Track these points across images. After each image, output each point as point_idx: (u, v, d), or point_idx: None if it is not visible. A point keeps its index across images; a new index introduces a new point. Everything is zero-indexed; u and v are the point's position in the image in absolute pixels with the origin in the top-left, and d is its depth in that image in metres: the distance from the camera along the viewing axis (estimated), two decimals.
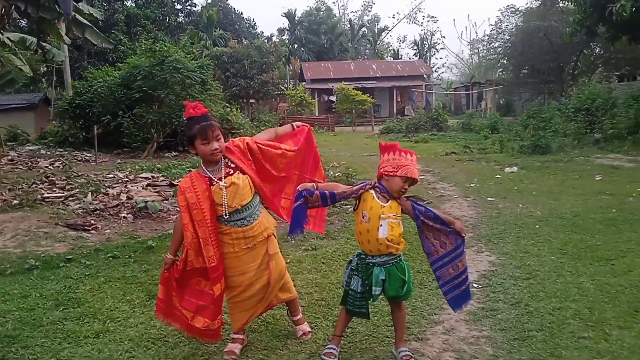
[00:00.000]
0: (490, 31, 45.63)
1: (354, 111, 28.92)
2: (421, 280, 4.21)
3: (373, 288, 2.83)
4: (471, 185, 8.71)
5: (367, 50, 57.49)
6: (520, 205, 6.96)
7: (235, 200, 2.83)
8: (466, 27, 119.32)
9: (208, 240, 2.80)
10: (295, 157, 3.11)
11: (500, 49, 40.94)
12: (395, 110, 36.22)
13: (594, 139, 13.99)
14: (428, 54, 56.03)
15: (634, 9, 11.52)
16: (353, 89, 29.69)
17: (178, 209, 3.08)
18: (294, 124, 3.27)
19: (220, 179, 2.83)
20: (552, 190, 7.91)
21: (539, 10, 28.09)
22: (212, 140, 2.79)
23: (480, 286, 4.11)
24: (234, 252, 2.89)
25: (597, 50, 26.94)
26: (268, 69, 27.39)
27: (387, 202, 2.81)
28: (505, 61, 34.81)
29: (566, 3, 16.73)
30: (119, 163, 12.78)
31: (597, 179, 8.73)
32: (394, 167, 2.79)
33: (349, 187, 2.92)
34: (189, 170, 9.47)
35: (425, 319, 3.51)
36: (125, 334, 3.32)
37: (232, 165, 2.88)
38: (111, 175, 9.81)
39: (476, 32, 75.42)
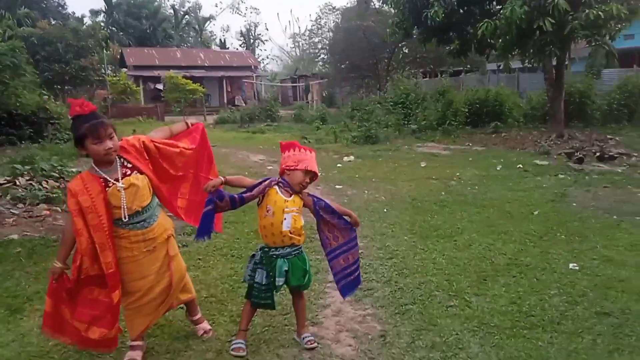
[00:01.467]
0: (311, 27, 48.00)
1: (183, 100, 28.00)
2: None
3: (277, 279, 2.92)
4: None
5: (191, 39, 55.92)
6: (366, 192, 7.58)
7: (135, 202, 2.66)
8: (289, 21, 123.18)
9: (106, 246, 2.60)
10: (192, 155, 3.03)
11: (320, 44, 43.26)
12: (225, 101, 35.95)
13: (411, 130, 15.71)
14: (253, 46, 56.59)
15: (443, 15, 13.16)
16: (182, 77, 28.71)
17: (67, 211, 2.78)
18: (188, 121, 3.18)
19: (116, 180, 2.64)
20: (388, 177, 8.75)
21: (357, 10, 30.35)
22: (105, 139, 2.59)
23: None
24: (132, 257, 2.72)
25: (405, 50, 30.09)
26: (86, 53, 25.00)
27: (290, 196, 2.92)
28: (326, 56, 37.06)
29: (385, 6, 18.35)
30: None
31: (422, 165, 9.86)
32: (295, 162, 2.91)
33: (254, 181, 2.95)
34: (5, 166, 8.37)
35: (314, 304, 3.69)
36: None
37: (129, 165, 2.70)
38: None
39: (299, 27, 78.39)
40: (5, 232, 5.41)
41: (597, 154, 9.59)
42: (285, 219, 2.87)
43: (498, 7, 13.75)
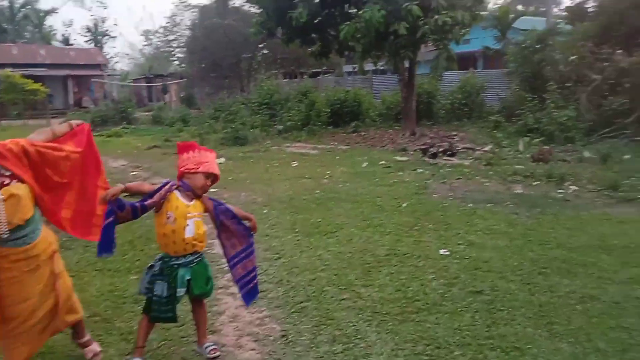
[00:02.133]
0: (166, 24, 46.11)
1: (22, 102, 25.13)
2: None
3: (178, 290, 2.78)
4: None
5: (28, 34, 50.33)
6: (243, 194, 7.51)
7: (16, 215, 2.36)
8: (142, 17, 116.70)
9: None
10: (78, 159, 2.72)
11: (175, 42, 41.71)
12: (72, 102, 32.98)
13: (278, 130, 15.88)
14: (101, 42, 52.74)
15: (309, 16, 13.50)
16: (20, 76, 25.73)
17: None
18: (72, 122, 2.85)
19: None
20: (262, 178, 8.76)
21: (215, 8, 29.79)
22: None
23: None
24: (12, 277, 2.41)
25: (265, 51, 30.29)
26: None
27: (192, 201, 2.80)
28: (183, 55, 35.84)
29: (246, 5, 18.29)
30: None
31: (294, 165, 10.04)
32: (195, 164, 2.80)
33: (153, 187, 2.77)
34: None
35: (209, 312, 3.56)
36: None
37: (7, 174, 2.38)
38: None
39: (153, 23, 74.78)
40: None
41: (447, 149, 10.57)
42: (187, 225, 2.74)
43: (357, 10, 14.48)
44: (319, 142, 13.73)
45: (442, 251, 4.78)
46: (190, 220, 2.76)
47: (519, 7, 39.24)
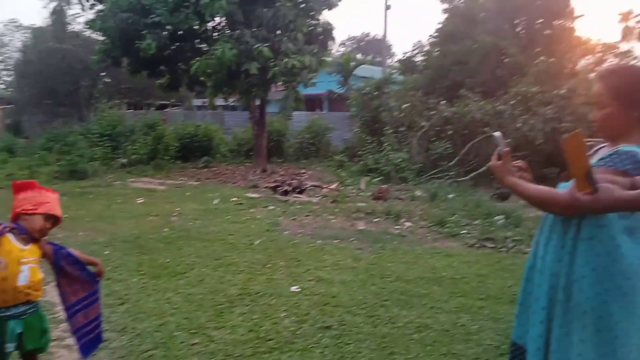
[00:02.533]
0: None
1: None
2: None
3: (7, 345, 2.47)
4: None
5: None
6: (81, 233, 6.93)
7: None
8: None
9: None
10: None
11: (2, 64, 37.49)
12: None
13: (121, 164, 15.00)
14: None
15: (157, 48, 13.14)
16: None
17: None
18: None
19: None
20: (104, 215, 8.18)
21: (52, 31, 27.49)
22: None
23: None
24: None
25: (108, 79, 28.62)
26: None
27: (27, 245, 2.53)
28: (10, 78, 32.30)
29: (87, 32, 17.22)
30: None
31: (139, 202, 9.54)
32: (34, 205, 2.56)
33: None
34: None
35: None
36: None
37: None
38: None
39: None
40: None
41: (297, 186, 10.94)
42: (21, 271, 2.46)
43: (208, 46, 14.50)
44: (167, 177, 13.27)
45: (293, 288, 4.88)
46: (24, 267, 2.49)
47: (358, 56, 42.77)
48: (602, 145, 2.05)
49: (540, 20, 16.52)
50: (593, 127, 2.01)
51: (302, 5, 13.85)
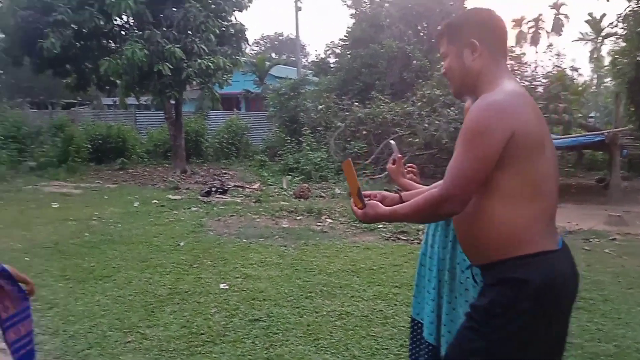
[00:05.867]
0: None
1: None
2: None
3: None
4: None
5: None
6: None
7: None
8: None
9: None
10: None
11: None
12: None
13: (29, 167, 14.26)
14: None
15: (62, 47, 12.65)
16: None
17: None
18: None
19: None
20: (19, 221, 7.89)
21: None
22: None
23: None
24: None
25: (4, 76, 26.85)
26: None
27: None
28: None
29: None
30: None
31: (54, 206, 9.23)
32: None
33: None
34: None
35: None
36: None
37: None
38: None
39: None
40: None
41: (219, 187, 11.06)
42: None
43: (116, 45, 14.16)
44: (82, 180, 12.84)
45: (221, 285, 5.11)
46: None
47: (273, 55, 42.99)
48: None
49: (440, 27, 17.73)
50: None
51: (213, 7, 13.93)
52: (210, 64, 13.06)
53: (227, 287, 5.08)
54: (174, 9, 13.21)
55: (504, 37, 1.79)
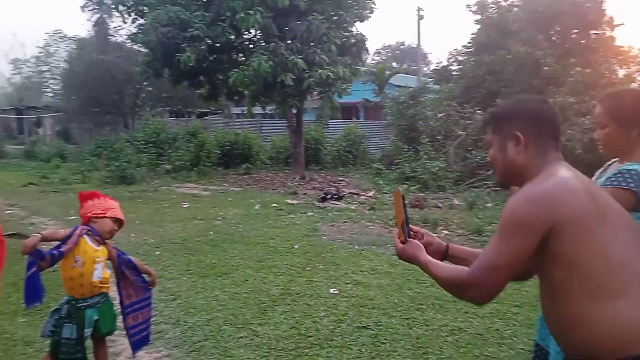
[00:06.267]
0: (39, 53, 43.44)
1: None
2: None
3: (85, 330, 2.82)
4: (71, 217, 8.46)
5: None
6: (133, 235, 7.37)
7: None
8: (12, 45, 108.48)
9: None
10: None
11: (49, 73, 39.26)
12: None
13: (166, 170, 15.63)
14: None
15: (196, 60, 13.72)
16: None
17: None
18: None
19: None
20: (153, 219, 8.64)
21: (95, 42, 28.72)
22: None
23: None
24: None
25: (150, 88, 29.71)
26: None
27: (100, 246, 2.89)
28: (57, 87, 33.81)
29: (130, 43, 18.03)
30: None
31: (185, 206, 9.99)
32: (102, 210, 2.91)
33: (66, 232, 2.81)
34: None
35: (107, 355, 3.55)
36: None
37: None
38: None
39: (24, 53, 69.75)
40: None
41: (335, 193, 11.21)
42: (96, 269, 2.82)
43: (245, 58, 15.02)
44: (210, 183, 13.75)
45: (332, 290, 5.13)
46: (98, 265, 2.85)
47: (394, 64, 42.81)
48: (613, 161, 2.25)
49: (576, 30, 16.35)
50: (599, 145, 2.22)
51: (335, 18, 14.22)
52: (330, 73, 13.33)
53: (337, 292, 5.09)
54: (298, 22, 13.71)
55: (553, 127, 1.70)
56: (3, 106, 45.18)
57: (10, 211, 9.00)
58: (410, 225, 1.89)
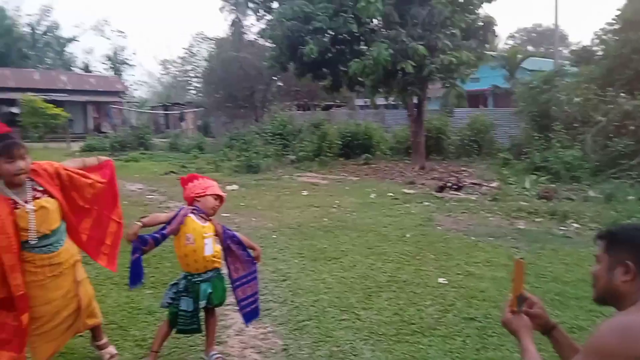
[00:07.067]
0: (184, 54, 47.52)
1: (43, 126, 25.96)
2: None
3: (200, 302, 3.06)
4: None
5: (49, 60, 51.98)
6: (254, 219, 7.80)
7: (43, 224, 2.67)
8: (160, 46, 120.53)
9: (15, 267, 2.58)
10: (101, 189, 3.09)
11: (192, 72, 42.76)
12: (91, 127, 33.90)
13: (290, 160, 16.28)
14: (120, 70, 54.22)
15: (318, 52, 14.04)
16: (42, 100, 26.67)
17: None
18: (99, 157, 3.25)
19: (26, 202, 2.64)
20: (273, 205, 9.06)
21: (231, 41, 30.70)
22: (17, 159, 2.62)
23: None
24: (37, 281, 2.71)
25: (280, 83, 31.04)
26: None
27: (206, 222, 3.09)
28: (199, 84, 36.77)
29: (260, 39, 18.96)
30: None
31: (304, 194, 10.33)
32: (203, 189, 3.12)
33: (168, 215, 3.07)
34: None
35: (217, 325, 3.82)
36: None
37: (40, 189, 2.73)
38: None
39: (170, 54, 76.96)
40: None
41: (454, 183, 10.83)
42: (206, 244, 3.02)
43: (365, 47, 15.03)
44: (330, 172, 14.06)
45: (440, 280, 4.99)
46: (207, 240, 3.04)
47: (530, 48, 39.93)
48: None
49: None
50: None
51: (460, 1, 13.59)
52: (453, 59, 12.84)
53: (446, 282, 4.93)
54: (419, 7, 13.39)
55: None
56: (152, 103, 50.34)
57: (150, 196, 10.02)
58: (528, 295, 1.91)
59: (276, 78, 28.98)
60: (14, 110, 29.54)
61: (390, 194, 10.14)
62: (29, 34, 48.71)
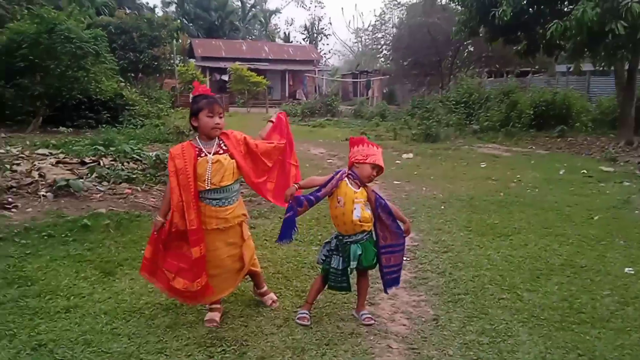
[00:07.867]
0: (375, 22, 48.10)
1: (247, 92, 28.86)
2: None
3: (351, 263, 3.21)
4: None
5: (256, 32, 57.19)
6: (424, 189, 7.75)
7: (215, 177, 3.06)
8: (353, 15, 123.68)
9: (190, 204, 3.01)
10: (284, 147, 3.44)
11: (383, 40, 43.04)
12: (287, 94, 36.70)
13: (473, 130, 15.60)
14: (316, 40, 57.18)
15: (512, 14, 12.99)
16: (247, 69, 29.64)
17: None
18: (272, 117, 3.55)
19: (209, 153, 3.05)
20: (447, 175, 8.86)
21: (422, 6, 30.06)
22: (216, 115, 3.07)
23: (408, 258, 4.67)
24: (205, 229, 3.09)
25: (470, 48, 29.57)
26: (159, 43, 26.08)
27: (359, 188, 3.20)
28: (388, 52, 36.95)
29: (452, 3, 18.20)
30: (3, 137, 11.73)
31: (482, 166, 9.89)
32: (364, 156, 3.19)
33: (324, 178, 3.24)
34: (88, 147, 9.12)
35: (371, 287, 3.95)
36: (98, 308, 3.39)
37: (224, 147, 3.13)
38: (2, 151, 9.06)
39: (362, 22, 78.52)
40: (93, 206, 6.01)
41: None
42: (355, 209, 3.14)
43: (570, 7, 13.42)
44: (516, 144, 13.17)
45: (626, 269, 4.41)
46: (357, 205, 3.15)
47: None
48: None
49: None
50: None
51: None
52: None
53: (632, 272, 4.35)
54: None
55: None
56: (344, 71, 52.20)
57: (330, 160, 10.56)
58: None
59: (466, 43, 27.68)
60: (224, 77, 33.36)
61: (584, 171, 9.14)
62: (239, 8, 54.07)
